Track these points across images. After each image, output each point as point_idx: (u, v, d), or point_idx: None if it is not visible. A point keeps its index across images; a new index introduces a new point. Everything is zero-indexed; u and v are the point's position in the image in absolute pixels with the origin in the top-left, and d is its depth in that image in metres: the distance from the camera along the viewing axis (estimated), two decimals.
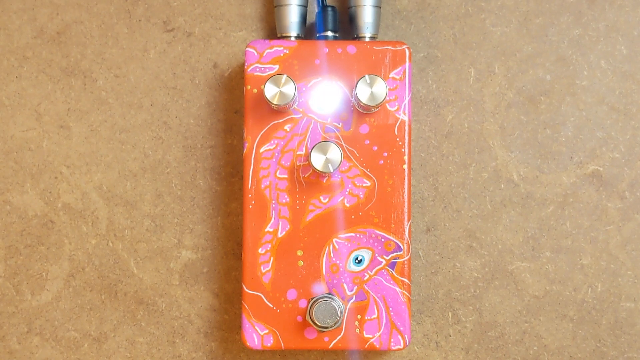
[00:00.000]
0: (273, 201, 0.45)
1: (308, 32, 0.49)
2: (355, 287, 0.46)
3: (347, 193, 0.46)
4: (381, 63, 0.46)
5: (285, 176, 0.46)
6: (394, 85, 0.46)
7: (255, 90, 0.46)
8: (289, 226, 0.46)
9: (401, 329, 0.45)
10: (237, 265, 0.49)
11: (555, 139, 0.49)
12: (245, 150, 0.46)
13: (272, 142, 0.46)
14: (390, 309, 0.45)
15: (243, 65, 0.49)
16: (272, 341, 0.45)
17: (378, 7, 0.47)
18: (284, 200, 0.46)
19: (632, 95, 0.49)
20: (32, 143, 0.49)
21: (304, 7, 0.47)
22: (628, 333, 0.49)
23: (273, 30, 0.49)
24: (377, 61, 0.46)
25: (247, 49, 0.46)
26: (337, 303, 0.45)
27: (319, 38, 0.47)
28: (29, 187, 0.49)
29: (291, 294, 0.45)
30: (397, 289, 0.45)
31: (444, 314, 0.49)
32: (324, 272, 0.45)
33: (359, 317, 0.46)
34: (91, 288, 0.49)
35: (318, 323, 0.44)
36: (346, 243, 0.45)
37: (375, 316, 0.46)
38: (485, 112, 0.49)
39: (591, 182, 0.49)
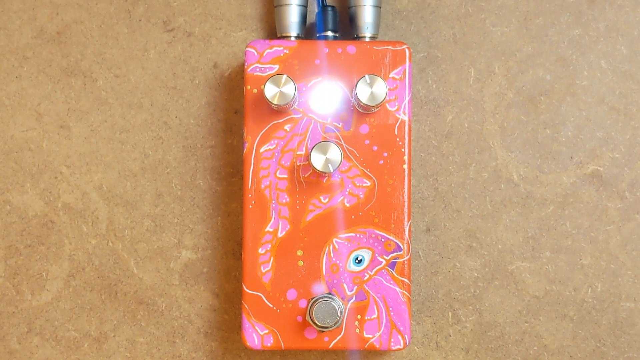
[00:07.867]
0: (273, 201, 0.45)
1: (308, 32, 0.49)
2: (355, 287, 0.46)
3: (347, 193, 0.46)
4: (381, 63, 0.46)
5: (285, 176, 0.46)
6: (394, 85, 0.46)
7: (255, 90, 0.46)
8: (289, 226, 0.45)
9: (401, 329, 0.45)
10: (237, 265, 0.49)
11: (555, 139, 0.49)
12: (245, 150, 0.46)
13: (272, 142, 0.46)
14: (390, 309, 0.45)
15: (243, 65, 0.49)
16: (272, 341, 0.45)
17: (378, 7, 0.47)
18: (284, 200, 0.45)
19: (632, 95, 0.49)
20: (32, 143, 0.49)
21: (304, 7, 0.47)
22: (628, 333, 0.49)
23: (273, 30, 0.49)
24: (377, 61, 0.46)
25: (247, 49, 0.46)
26: (337, 303, 0.45)
27: (319, 38, 0.47)
28: (29, 187, 0.49)
29: (291, 294, 0.45)
30: (397, 289, 0.45)
31: (444, 314, 0.49)
32: (324, 272, 0.45)
33: (359, 317, 0.46)
34: (91, 288, 0.49)
35: (318, 323, 0.44)
36: (346, 243, 0.45)
37: (375, 316, 0.45)
38: (485, 112, 0.49)
39: (591, 182, 0.49)
